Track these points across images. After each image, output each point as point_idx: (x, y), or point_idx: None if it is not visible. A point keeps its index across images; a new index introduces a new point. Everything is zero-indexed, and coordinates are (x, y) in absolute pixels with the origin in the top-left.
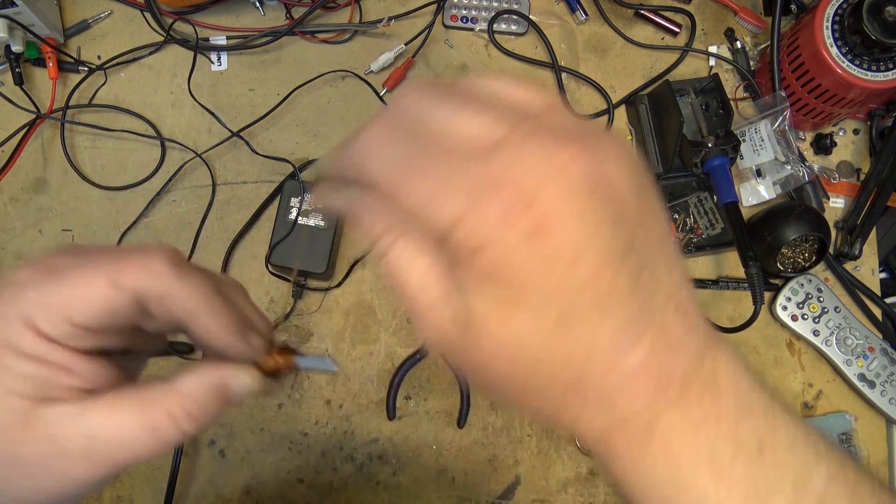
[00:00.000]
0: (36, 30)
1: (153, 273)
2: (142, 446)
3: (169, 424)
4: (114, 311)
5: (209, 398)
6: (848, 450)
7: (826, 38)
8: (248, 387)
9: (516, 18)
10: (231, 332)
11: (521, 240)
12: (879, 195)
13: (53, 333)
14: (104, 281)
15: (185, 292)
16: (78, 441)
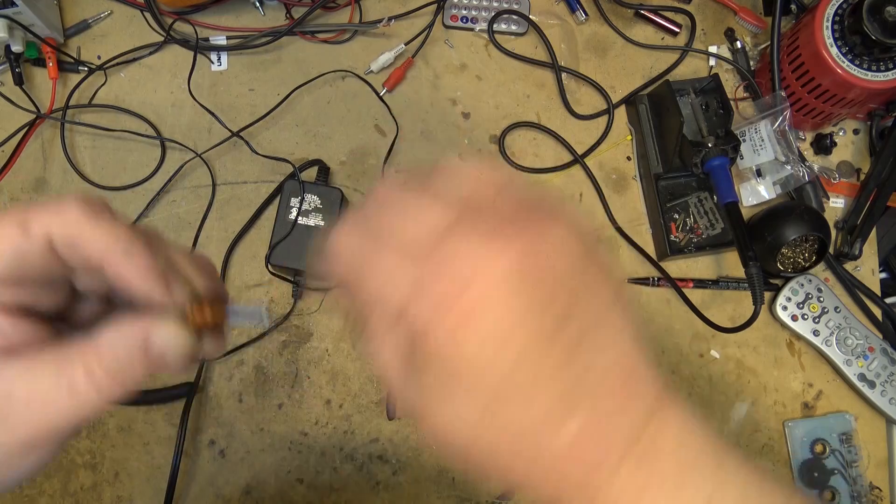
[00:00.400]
0: (36, 30)
1: (64, 217)
2: (60, 408)
3: (86, 382)
4: (23, 257)
5: (130, 353)
6: (848, 450)
7: (826, 38)
8: (173, 340)
9: (516, 18)
10: (148, 276)
11: (454, 326)
12: (879, 195)
13: None
14: (12, 226)
15: (97, 234)
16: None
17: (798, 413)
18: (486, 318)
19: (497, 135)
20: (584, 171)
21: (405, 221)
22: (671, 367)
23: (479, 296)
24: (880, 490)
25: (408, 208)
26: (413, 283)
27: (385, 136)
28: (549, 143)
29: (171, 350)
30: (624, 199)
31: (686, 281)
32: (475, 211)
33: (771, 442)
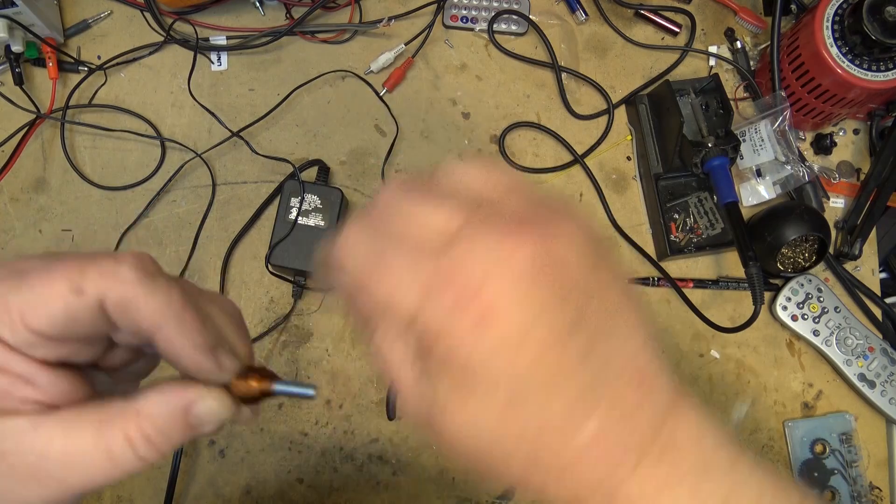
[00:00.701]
0: (36, 30)
1: (118, 279)
2: (95, 471)
3: (125, 448)
4: (73, 318)
5: (171, 421)
6: (848, 450)
7: (826, 38)
8: (215, 411)
9: (516, 18)
10: (198, 348)
11: (470, 328)
12: (879, 195)
13: (12, 340)
14: (65, 285)
15: (151, 301)
16: (27, 459)
17: (798, 413)
18: (502, 319)
19: (497, 135)
20: (584, 171)
21: (414, 224)
22: (671, 367)
23: (493, 296)
24: (880, 490)
25: (416, 210)
26: (425, 286)
27: (385, 136)
28: (549, 143)
29: (211, 420)
30: (624, 199)
31: (686, 281)
32: (484, 211)
33: (771, 442)
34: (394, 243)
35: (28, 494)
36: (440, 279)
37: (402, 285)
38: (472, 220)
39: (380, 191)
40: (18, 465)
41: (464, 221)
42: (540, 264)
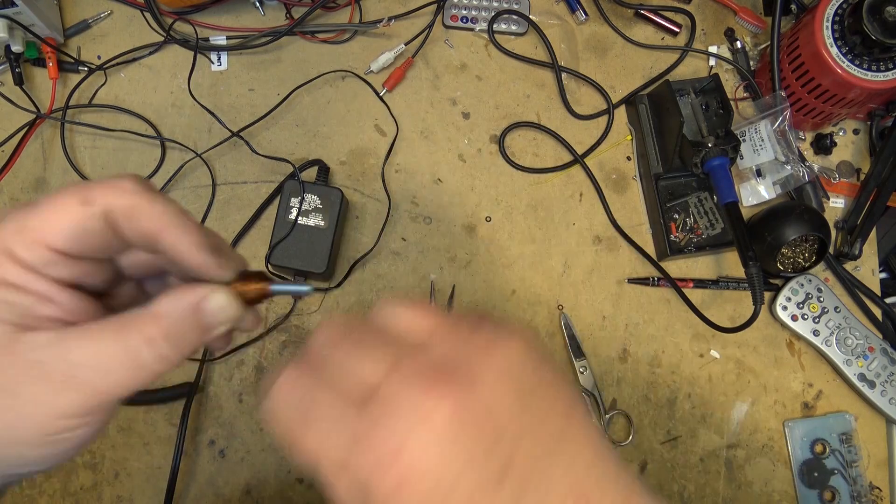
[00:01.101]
0: (36, 30)
1: (122, 191)
2: (123, 373)
3: (147, 347)
4: (85, 229)
5: (186, 319)
6: (848, 450)
7: (826, 38)
8: (223, 305)
9: (516, 18)
10: (200, 246)
11: (392, 489)
12: (879, 195)
13: (32, 261)
14: (74, 200)
15: (154, 208)
16: (59, 366)
17: (798, 413)
18: (424, 479)
19: (497, 135)
20: (584, 171)
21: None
22: (671, 367)
23: (413, 458)
24: (880, 490)
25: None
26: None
27: (385, 136)
28: (549, 143)
29: (221, 316)
30: (624, 199)
31: (686, 281)
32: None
33: (771, 442)
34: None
35: (64, 402)
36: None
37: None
38: (394, 372)
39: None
40: (52, 373)
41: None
42: (461, 420)
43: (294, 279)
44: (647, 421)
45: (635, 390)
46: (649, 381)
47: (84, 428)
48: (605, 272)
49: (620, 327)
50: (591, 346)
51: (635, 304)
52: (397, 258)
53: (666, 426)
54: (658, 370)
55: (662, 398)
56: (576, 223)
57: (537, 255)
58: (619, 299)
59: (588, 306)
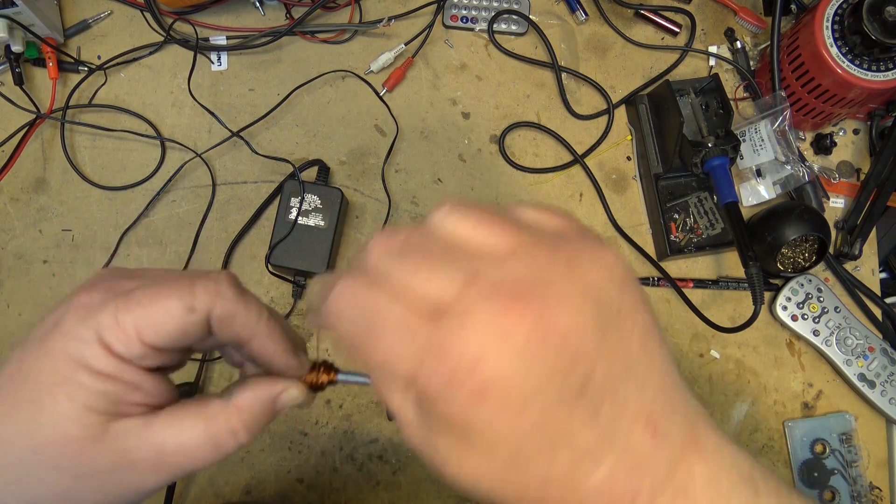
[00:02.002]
0: (36, 30)
1: (222, 296)
2: (203, 456)
3: (228, 436)
4: (186, 332)
5: (262, 411)
6: (848, 450)
7: (826, 38)
8: (297, 400)
9: (516, 18)
10: (286, 350)
11: (467, 400)
12: (879, 195)
13: (125, 353)
14: (180, 304)
15: (249, 314)
16: (147, 453)
17: (798, 413)
18: (503, 390)
19: (497, 135)
20: (584, 171)
21: (407, 288)
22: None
23: (490, 372)
24: (880, 490)
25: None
26: (419, 356)
27: (385, 136)
28: (549, 143)
29: (291, 405)
30: (624, 199)
31: (686, 281)
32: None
33: (771, 442)
34: (386, 308)
35: (146, 483)
36: (435, 352)
37: (396, 353)
38: (469, 287)
39: (367, 247)
40: (139, 460)
41: (460, 289)
42: (539, 338)
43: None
44: None
45: None
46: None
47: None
48: None
49: None
50: None
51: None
52: None
53: None
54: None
55: None
56: None
57: None
58: None
59: None
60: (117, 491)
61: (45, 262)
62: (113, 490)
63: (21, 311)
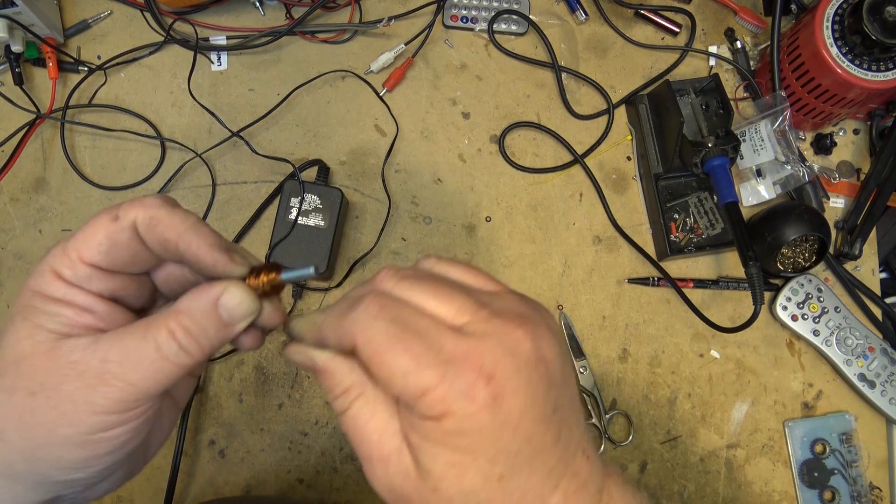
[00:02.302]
0: (36, 30)
1: (145, 206)
2: (149, 365)
3: (169, 340)
4: (116, 242)
5: (205, 314)
6: (848, 450)
7: (826, 38)
8: (239, 299)
9: (516, 18)
10: (214, 246)
11: (482, 407)
12: (879, 195)
13: (72, 277)
14: (105, 217)
15: (173, 218)
16: (93, 364)
17: (798, 413)
18: (510, 399)
19: (497, 135)
20: (584, 171)
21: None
22: (671, 367)
23: (503, 381)
24: (880, 490)
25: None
26: (442, 367)
27: (385, 136)
28: (549, 143)
29: (238, 310)
30: (624, 199)
31: (686, 281)
32: (488, 303)
33: (771, 442)
34: (414, 319)
35: (99, 397)
36: (456, 364)
37: (417, 366)
38: (478, 314)
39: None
40: (87, 371)
41: (474, 314)
42: (535, 358)
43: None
44: (647, 421)
45: (635, 390)
46: (649, 381)
47: (120, 427)
48: (605, 272)
49: (620, 327)
50: (591, 346)
51: (635, 304)
52: (397, 258)
53: (666, 426)
54: (658, 370)
55: (662, 398)
56: (576, 223)
57: (537, 255)
58: (619, 299)
59: (588, 306)
60: (72, 406)
61: None
62: (66, 407)
63: None
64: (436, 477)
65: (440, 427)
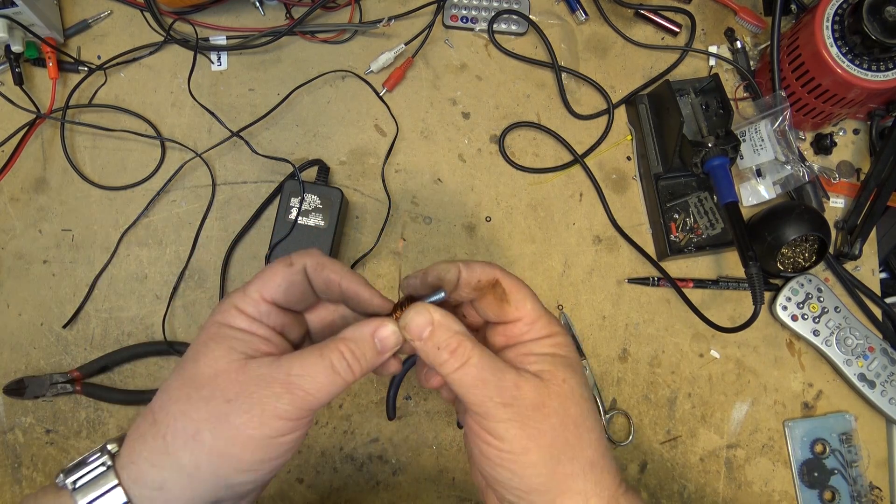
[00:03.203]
0: (36, 30)
1: (310, 254)
2: (324, 378)
3: (340, 360)
4: (291, 283)
5: (365, 342)
6: (848, 450)
7: (826, 38)
8: (393, 332)
9: (516, 18)
10: (370, 289)
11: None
12: (879, 195)
13: (254, 312)
14: (281, 264)
15: (335, 263)
16: (279, 376)
17: (798, 413)
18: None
19: (497, 135)
20: (584, 171)
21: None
22: (671, 367)
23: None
24: (880, 490)
25: None
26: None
27: (385, 136)
28: (549, 143)
29: (388, 342)
30: (624, 199)
31: (686, 281)
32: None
33: (771, 442)
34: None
35: (282, 404)
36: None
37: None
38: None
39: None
40: (273, 382)
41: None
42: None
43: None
44: (647, 421)
45: (635, 390)
46: (649, 381)
47: (293, 434)
48: (605, 272)
49: (620, 327)
50: (591, 345)
51: (635, 304)
52: (397, 258)
53: (666, 426)
54: (658, 370)
55: (662, 398)
56: (576, 223)
57: (537, 255)
58: (619, 299)
59: (588, 306)
60: (259, 412)
61: (45, 262)
62: (256, 411)
63: (21, 311)
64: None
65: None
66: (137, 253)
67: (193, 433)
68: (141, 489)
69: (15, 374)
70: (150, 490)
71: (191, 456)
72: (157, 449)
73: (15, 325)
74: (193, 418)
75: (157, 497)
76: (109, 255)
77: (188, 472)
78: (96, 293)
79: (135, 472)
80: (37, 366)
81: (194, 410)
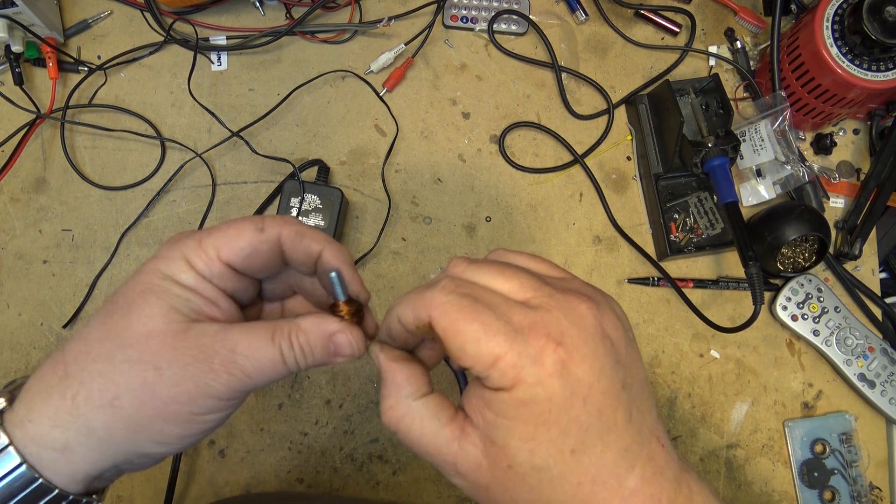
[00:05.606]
0: (36, 30)
1: (287, 222)
2: (267, 364)
3: (290, 350)
4: (256, 250)
5: (318, 340)
6: (848, 450)
7: (826, 38)
8: (351, 343)
9: (516, 18)
10: (353, 270)
11: (551, 373)
12: (879, 195)
13: (206, 271)
14: (251, 225)
15: (315, 232)
16: (221, 351)
17: (798, 413)
18: (579, 365)
19: (497, 135)
20: (584, 171)
21: (495, 287)
22: (671, 367)
23: (571, 348)
24: (880, 490)
25: (495, 277)
26: (507, 337)
27: (385, 136)
28: (549, 143)
29: (343, 351)
30: (624, 199)
31: (686, 281)
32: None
33: (771, 442)
34: (483, 294)
35: (218, 383)
36: (524, 332)
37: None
38: (542, 290)
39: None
40: (214, 357)
41: (535, 291)
42: (600, 331)
43: None
44: None
45: None
46: (649, 381)
47: (222, 413)
48: (605, 272)
49: None
50: None
51: (635, 304)
52: (397, 258)
53: (666, 426)
54: (658, 370)
55: (662, 398)
56: (576, 223)
57: None
58: (619, 299)
59: None
60: (191, 388)
61: (45, 262)
62: (187, 386)
63: (21, 311)
64: (510, 453)
65: (512, 397)
66: (137, 253)
67: (112, 398)
68: (40, 450)
69: (15, 374)
70: (50, 451)
71: (105, 421)
72: (64, 408)
73: (15, 325)
74: (114, 381)
75: (58, 459)
76: (109, 255)
77: (99, 437)
78: (96, 293)
79: (32, 431)
80: (37, 366)
81: (117, 373)
